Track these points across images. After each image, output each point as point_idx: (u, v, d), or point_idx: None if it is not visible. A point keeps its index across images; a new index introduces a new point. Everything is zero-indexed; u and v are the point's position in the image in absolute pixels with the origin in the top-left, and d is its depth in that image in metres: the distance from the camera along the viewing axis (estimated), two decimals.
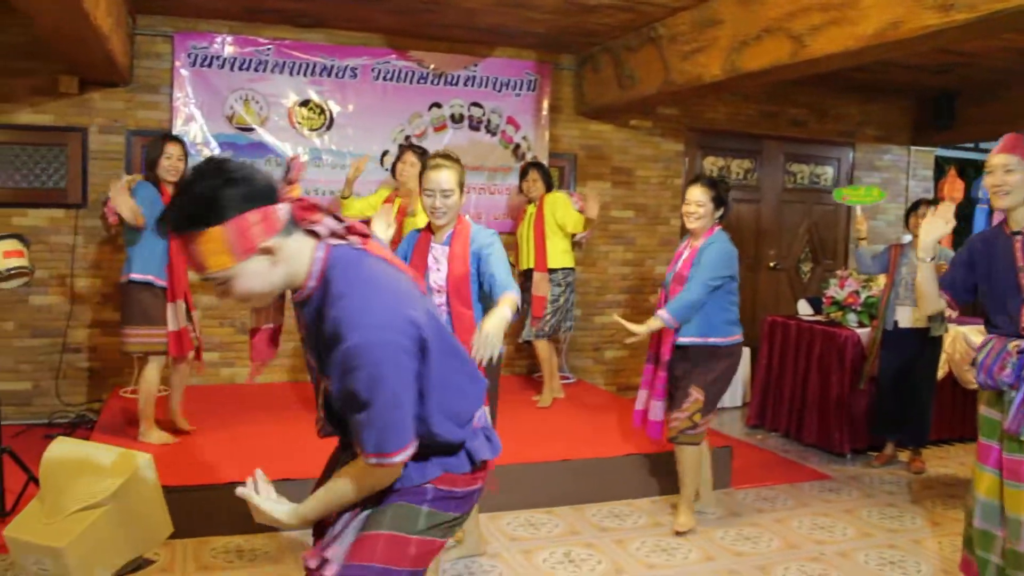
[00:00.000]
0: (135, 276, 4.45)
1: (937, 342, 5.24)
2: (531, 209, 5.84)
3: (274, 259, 1.65)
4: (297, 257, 1.69)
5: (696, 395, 4.03)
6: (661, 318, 3.99)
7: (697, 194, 4.07)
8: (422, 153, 5.06)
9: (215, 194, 1.58)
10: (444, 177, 3.29)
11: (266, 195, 1.64)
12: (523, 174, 5.91)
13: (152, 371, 4.54)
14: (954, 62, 6.43)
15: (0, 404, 3.90)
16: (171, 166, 4.49)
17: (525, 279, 5.83)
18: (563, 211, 5.72)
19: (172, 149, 4.51)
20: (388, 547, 1.78)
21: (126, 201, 4.30)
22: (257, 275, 1.65)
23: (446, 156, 3.38)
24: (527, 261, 5.82)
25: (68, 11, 3.68)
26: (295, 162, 5.00)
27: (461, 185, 3.34)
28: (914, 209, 5.28)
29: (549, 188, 5.84)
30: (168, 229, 1.62)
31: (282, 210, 1.66)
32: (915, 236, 5.24)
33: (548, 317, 5.75)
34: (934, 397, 5.36)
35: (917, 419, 5.29)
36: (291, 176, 4.88)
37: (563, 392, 6.09)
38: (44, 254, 5.62)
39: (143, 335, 4.48)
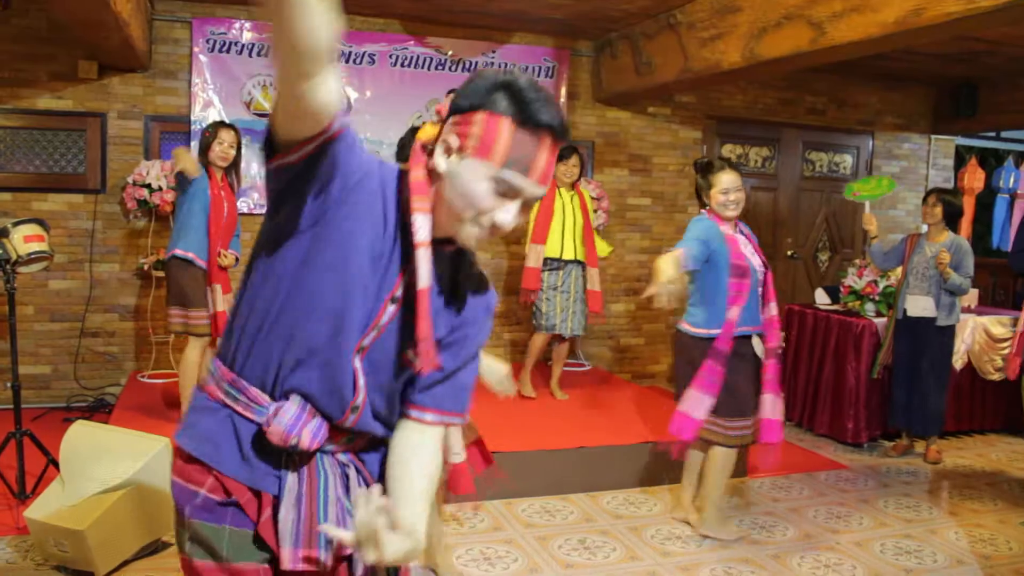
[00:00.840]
0: (178, 252, 4.56)
1: (948, 331, 5.20)
2: (567, 195, 5.45)
3: None
4: None
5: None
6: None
7: (738, 181, 3.79)
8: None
9: None
10: None
11: None
12: (563, 157, 5.37)
13: (193, 352, 4.59)
14: (977, 50, 6.36)
15: (20, 387, 3.92)
16: (223, 152, 4.60)
17: (557, 267, 5.44)
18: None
19: (225, 135, 4.61)
20: None
21: (189, 158, 4.45)
22: None
23: None
24: (565, 251, 5.42)
25: None
26: None
27: None
28: (924, 199, 5.25)
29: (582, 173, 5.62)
30: (557, 131, 1.39)
31: None
32: (929, 225, 5.21)
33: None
34: (948, 386, 5.32)
35: (929, 408, 5.25)
36: None
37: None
38: (63, 239, 5.66)
39: (181, 316, 4.60)
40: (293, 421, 1.43)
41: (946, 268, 4.95)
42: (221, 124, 4.70)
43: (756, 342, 3.88)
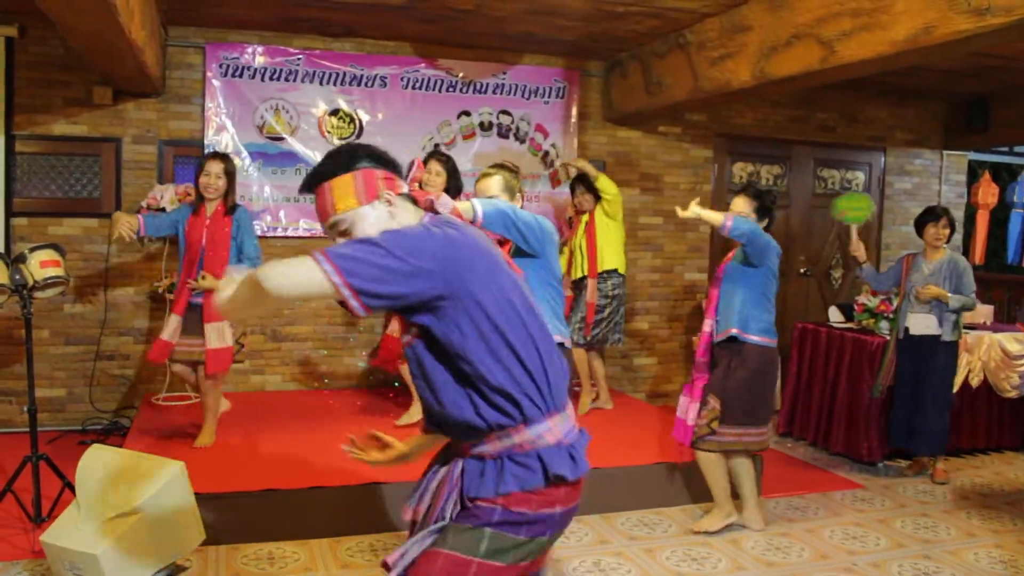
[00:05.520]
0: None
1: (952, 348, 5.15)
2: (585, 218, 5.86)
3: (392, 211, 1.90)
4: (409, 218, 1.92)
5: (712, 403, 4.12)
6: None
7: (740, 204, 4.18)
8: (446, 161, 5.04)
9: (348, 151, 1.93)
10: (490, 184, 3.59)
11: (393, 167, 1.96)
12: (571, 191, 5.99)
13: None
14: (989, 65, 6.35)
15: (36, 411, 3.94)
16: (208, 183, 4.56)
17: (577, 288, 5.93)
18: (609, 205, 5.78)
19: (211, 167, 4.58)
20: (446, 567, 1.81)
21: (124, 221, 4.57)
22: (376, 222, 1.87)
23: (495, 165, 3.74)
24: (581, 270, 5.85)
25: (104, 25, 3.73)
26: (416, 162, 5.03)
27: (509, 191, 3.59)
28: (935, 219, 5.21)
29: (599, 198, 5.81)
30: (303, 190, 1.94)
31: (403, 185, 1.96)
32: (930, 246, 5.19)
33: (596, 327, 5.77)
34: (951, 404, 5.25)
35: (932, 427, 5.18)
36: (413, 175, 4.94)
37: (611, 403, 6.10)
38: (79, 263, 5.70)
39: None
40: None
41: (938, 295, 4.98)
42: (210, 155, 4.70)
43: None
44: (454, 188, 4.87)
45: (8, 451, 4.97)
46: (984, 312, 6.18)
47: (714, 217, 4.03)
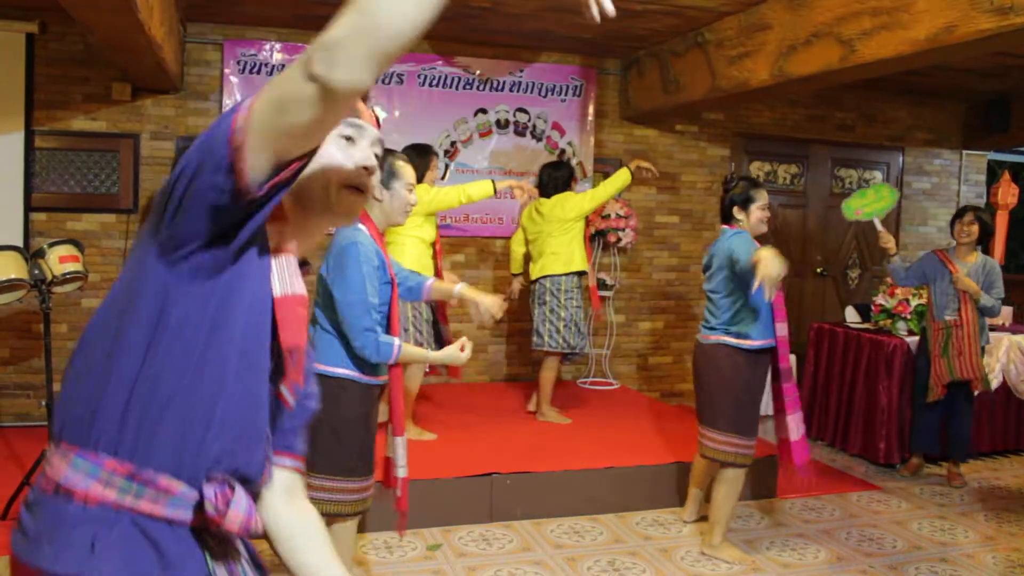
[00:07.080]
0: None
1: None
2: None
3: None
4: None
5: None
6: None
7: (767, 196, 3.87)
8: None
9: None
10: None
11: None
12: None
13: None
14: (1009, 64, 6.30)
15: (54, 405, 3.96)
16: None
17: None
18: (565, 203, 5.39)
19: None
20: None
21: None
22: None
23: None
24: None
25: (124, 21, 3.74)
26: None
27: None
28: (959, 216, 5.13)
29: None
30: None
31: None
32: (960, 244, 5.11)
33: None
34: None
35: (965, 430, 5.15)
36: None
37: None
38: (96, 258, 5.73)
39: None
40: (249, 503, 1.20)
41: (970, 288, 4.91)
42: None
43: None
44: None
45: (26, 445, 5.00)
46: (1004, 314, 6.12)
47: None
